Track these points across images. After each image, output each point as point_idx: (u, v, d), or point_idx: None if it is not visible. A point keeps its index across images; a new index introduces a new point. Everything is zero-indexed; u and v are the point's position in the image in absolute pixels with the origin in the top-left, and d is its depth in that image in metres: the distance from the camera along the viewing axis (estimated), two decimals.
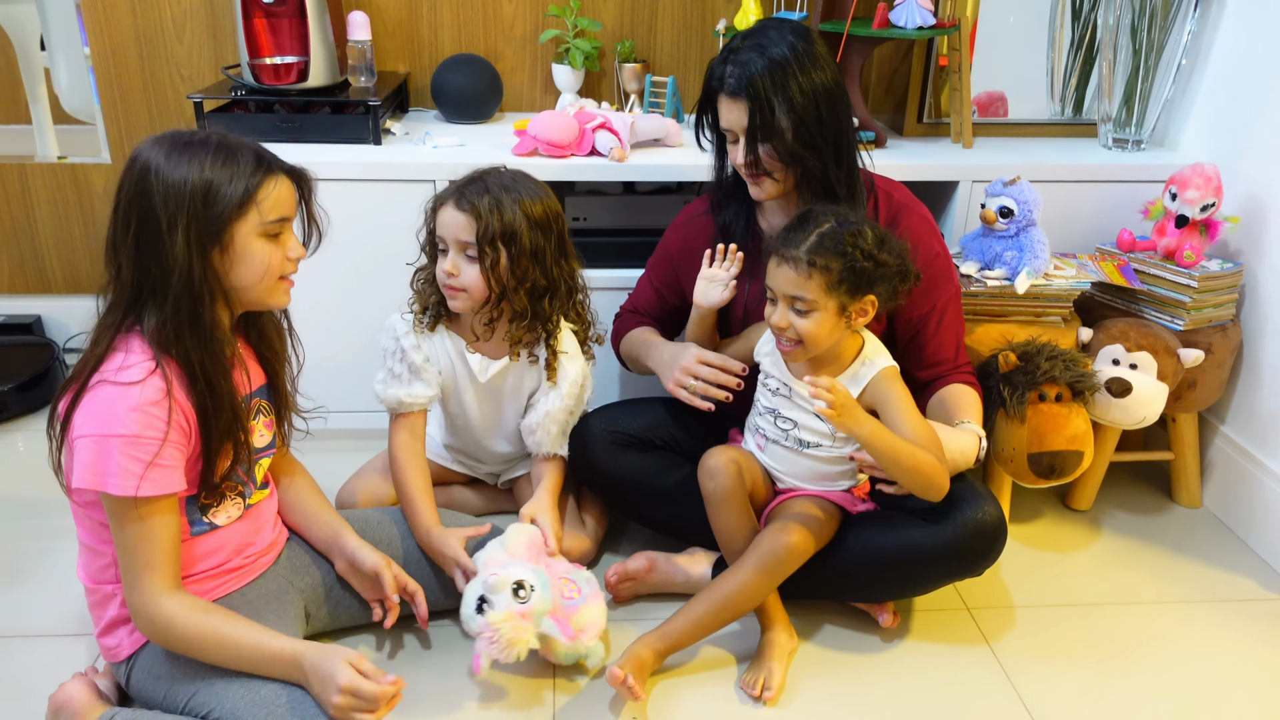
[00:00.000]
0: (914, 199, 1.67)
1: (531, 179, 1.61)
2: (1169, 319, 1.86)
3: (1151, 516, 1.98)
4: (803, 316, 1.43)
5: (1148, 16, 2.03)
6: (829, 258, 1.40)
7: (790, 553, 1.47)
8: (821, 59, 1.51)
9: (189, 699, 1.27)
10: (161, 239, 1.20)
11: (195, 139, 1.24)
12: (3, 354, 2.32)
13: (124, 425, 1.18)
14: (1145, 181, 2.02)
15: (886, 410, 1.47)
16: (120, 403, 1.19)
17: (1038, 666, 1.56)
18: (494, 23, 2.28)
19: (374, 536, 1.54)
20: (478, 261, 1.54)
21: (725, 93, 1.52)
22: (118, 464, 1.18)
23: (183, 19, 2.22)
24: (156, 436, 1.20)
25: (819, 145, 1.52)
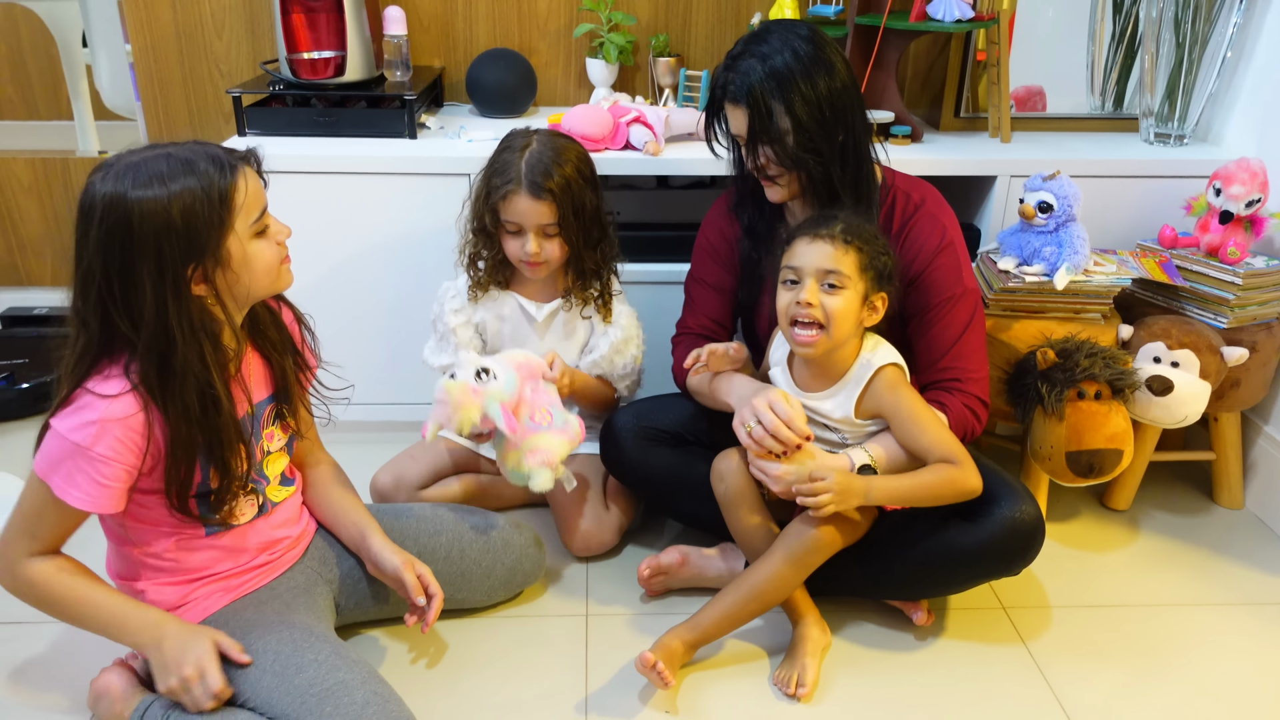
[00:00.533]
0: (937, 198, 1.64)
1: (559, 138, 1.69)
2: (1212, 316, 1.83)
3: (1192, 517, 1.95)
4: (832, 294, 1.42)
5: (1192, 9, 1.99)
6: (864, 240, 1.44)
7: (818, 543, 1.46)
8: (826, 62, 1.48)
9: None
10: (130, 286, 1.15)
11: (142, 161, 1.16)
12: (46, 345, 2.34)
13: (80, 435, 1.19)
14: (1188, 177, 1.99)
15: (894, 419, 1.46)
16: (84, 413, 1.20)
17: (1074, 667, 1.54)
18: (529, 17, 2.29)
19: (401, 534, 1.53)
20: (558, 237, 1.66)
21: (729, 100, 1.53)
22: (66, 468, 1.21)
23: (222, 15, 2.25)
24: (106, 456, 1.20)
25: (820, 149, 1.50)
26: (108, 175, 1.16)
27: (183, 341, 1.19)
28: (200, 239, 1.17)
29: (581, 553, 1.75)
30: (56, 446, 1.21)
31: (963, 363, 1.58)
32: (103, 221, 1.14)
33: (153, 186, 1.14)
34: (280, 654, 1.28)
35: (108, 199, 1.14)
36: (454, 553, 1.55)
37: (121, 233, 1.14)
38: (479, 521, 1.60)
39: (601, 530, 1.73)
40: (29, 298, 2.52)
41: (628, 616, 1.63)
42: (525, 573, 1.62)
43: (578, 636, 1.59)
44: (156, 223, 1.14)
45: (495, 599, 1.62)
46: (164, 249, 1.15)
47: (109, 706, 1.33)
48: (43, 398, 2.21)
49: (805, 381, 1.53)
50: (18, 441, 2.11)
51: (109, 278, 1.16)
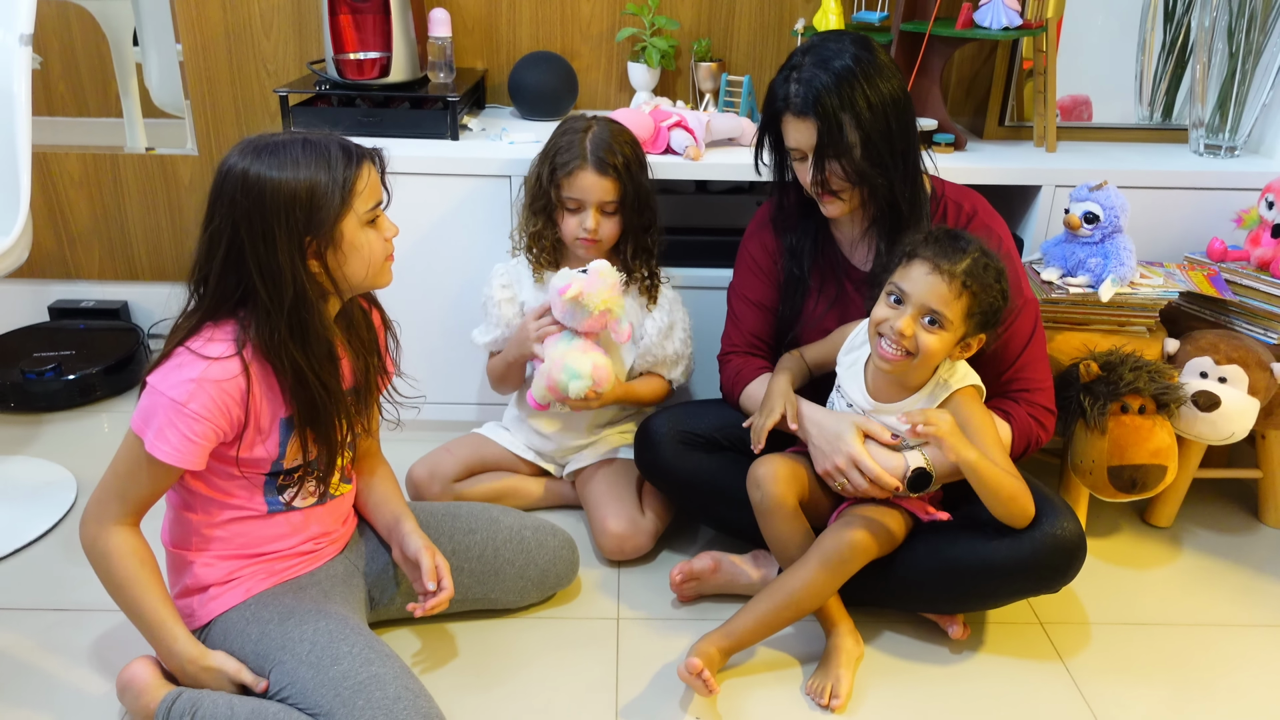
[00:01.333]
0: (988, 208, 1.63)
1: (614, 123, 1.76)
2: (1262, 332, 1.79)
3: (1236, 536, 1.91)
4: (930, 331, 1.40)
5: (1246, 18, 1.96)
6: (981, 287, 1.39)
7: (853, 549, 1.45)
8: (885, 68, 1.48)
9: (262, 675, 1.30)
10: (271, 249, 1.23)
11: (281, 142, 1.26)
12: (91, 338, 2.40)
13: (177, 391, 1.23)
14: (1238, 189, 1.96)
15: (965, 431, 1.44)
16: (183, 370, 1.24)
17: (1113, 685, 1.52)
18: (571, 21, 2.29)
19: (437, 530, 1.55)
20: (615, 215, 1.73)
21: (792, 112, 1.49)
22: (160, 421, 1.24)
23: (270, 15, 2.28)
24: (199, 414, 1.24)
25: (886, 162, 1.49)
26: (246, 152, 1.25)
27: (309, 301, 1.27)
28: (321, 214, 1.24)
29: (615, 556, 1.75)
30: (151, 402, 1.25)
31: (1028, 373, 1.57)
32: (238, 191, 1.23)
33: (285, 166, 1.23)
34: (316, 644, 1.29)
35: (244, 173, 1.23)
36: (488, 551, 1.56)
37: (254, 201, 1.22)
38: (514, 522, 1.60)
39: (636, 534, 1.73)
40: (77, 290, 2.57)
41: (659, 621, 1.63)
42: (558, 575, 1.63)
43: (609, 640, 1.59)
44: (285, 195, 1.23)
45: (528, 600, 1.62)
46: (290, 218, 1.23)
47: (135, 698, 1.35)
48: (89, 389, 2.26)
49: (878, 389, 1.52)
50: (65, 431, 2.15)
51: (239, 241, 1.23)
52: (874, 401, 1.51)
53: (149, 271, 2.56)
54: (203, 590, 1.37)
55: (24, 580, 1.68)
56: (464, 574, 1.54)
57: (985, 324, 1.43)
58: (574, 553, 1.65)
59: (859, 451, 1.47)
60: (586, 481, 1.84)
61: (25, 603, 1.62)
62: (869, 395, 1.52)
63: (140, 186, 2.48)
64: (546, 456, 1.91)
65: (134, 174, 2.47)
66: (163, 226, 2.51)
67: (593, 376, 1.65)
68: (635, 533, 1.73)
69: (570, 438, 1.88)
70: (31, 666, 1.49)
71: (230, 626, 1.35)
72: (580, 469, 1.87)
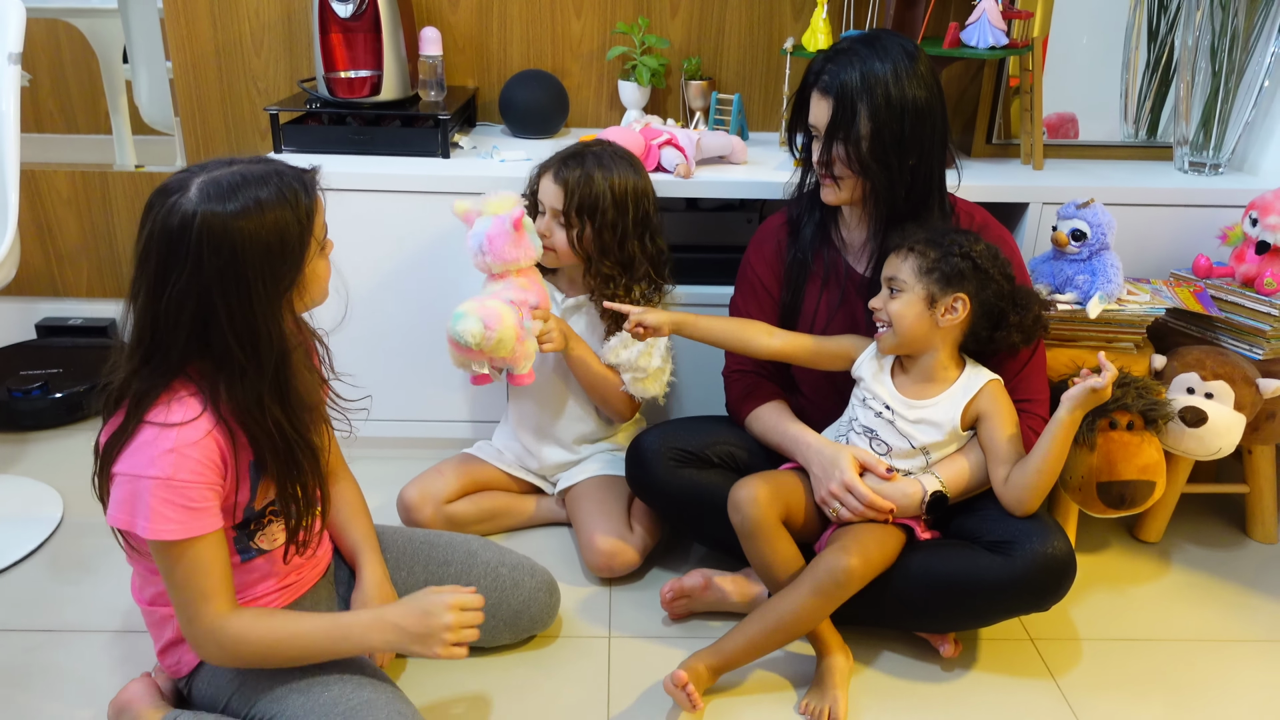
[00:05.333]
0: (997, 224, 1.66)
1: (628, 156, 1.79)
2: (1247, 348, 1.81)
3: (1224, 551, 1.92)
4: (893, 298, 1.50)
5: (1229, 37, 1.98)
6: (926, 246, 1.50)
7: (849, 576, 1.45)
8: (921, 78, 1.51)
9: (251, 706, 1.28)
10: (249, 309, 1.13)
11: (237, 183, 1.13)
12: (80, 355, 2.39)
13: (156, 467, 1.14)
14: (1223, 206, 1.98)
15: (989, 420, 1.52)
16: (156, 444, 1.14)
17: (1103, 702, 1.52)
18: (562, 39, 2.31)
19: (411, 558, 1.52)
20: (566, 228, 1.74)
21: (818, 88, 1.54)
22: (150, 506, 1.14)
23: (261, 33, 2.28)
24: (189, 480, 1.15)
25: (890, 161, 1.51)
26: (188, 193, 1.11)
27: (289, 356, 1.19)
28: (293, 259, 1.17)
29: (603, 573, 1.74)
30: (131, 490, 1.15)
31: (1029, 384, 1.60)
32: (205, 247, 1.10)
33: (250, 210, 1.12)
34: (306, 670, 1.28)
35: (209, 224, 1.10)
36: (461, 584, 1.47)
37: (226, 258, 1.11)
38: (491, 558, 1.54)
39: (625, 551, 1.73)
40: (64, 308, 2.56)
41: (650, 640, 1.62)
42: (532, 617, 1.56)
43: (600, 659, 1.58)
44: (259, 246, 1.12)
45: (499, 640, 1.56)
46: (267, 272, 1.14)
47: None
48: (76, 407, 2.25)
49: (906, 388, 1.55)
50: (52, 450, 2.14)
51: (210, 303, 1.12)
52: (904, 398, 1.54)
53: None
54: (183, 642, 1.32)
55: (9, 600, 1.66)
56: None
57: (949, 280, 1.48)
58: (552, 595, 1.58)
59: (853, 478, 1.50)
60: (576, 498, 1.84)
61: (10, 624, 1.61)
62: (896, 390, 1.55)
63: (129, 204, 2.47)
64: (537, 474, 1.91)
65: (123, 192, 2.46)
66: None
67: (479, 315, 1.58)
68: (624, 549, 1.73)
69: (558, 453, 1.88)
70: (16, 687, 1.47)
71: (215, 667, 1.31)
72: (570, 486, 1.87)
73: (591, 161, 1.74)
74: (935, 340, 1.52)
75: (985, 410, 1.52)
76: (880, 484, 1.52)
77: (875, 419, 1.55)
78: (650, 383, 1.82)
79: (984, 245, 1.51)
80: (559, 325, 1.74)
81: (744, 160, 2.08)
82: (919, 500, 1.52)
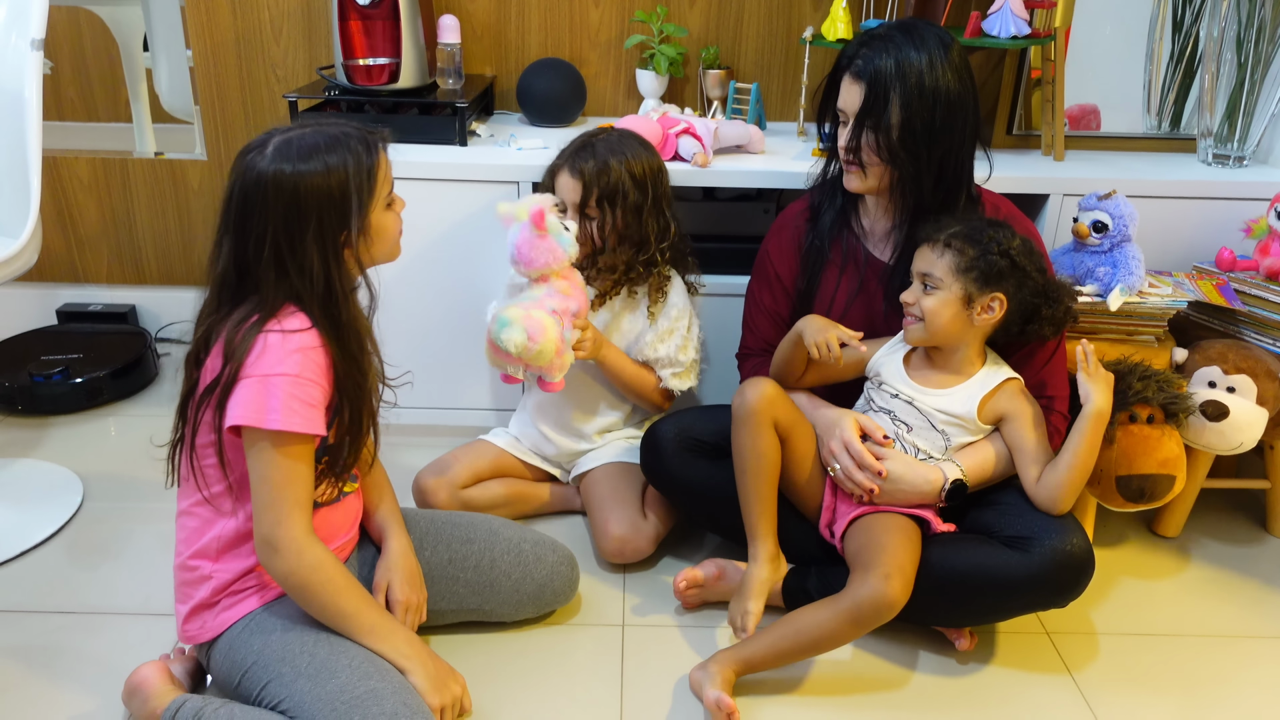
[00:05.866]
0: (1022, 215, 1.65)
1: (636, 138, 1.78)
2: (1271, 342, 1.79)
3: (1244, 547, 1.90)
4: (928, 295, 1.49)
5: (1255, 28, 1.96)
6: (965, 243, 1.48)
7: (891, 609, 1.41)
8: (956, 68, 1.49)
9: (261, 688, 1.29)
10: (306, 249, 1.25)
11: (305, 141, 1.27)
12: (99, 341, 2.41)
13: (286, 365, 1.24)
14: (1247, 199, 1.95)
15: (1016, 420, 1.51)
16: (283, 346, 1.25)
17: (1120, 696, 1.51)
18: (580, 28, 2.30)
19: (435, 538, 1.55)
20: (589, 220, 1.74)
21: (850, 72, 1.53)
22: (280, 400, 1.23)
23: (280, 21, 2.29)
24: (312, 379, 1.26)
25: (919, 152, 1.50)
26: (265, 151, 1.25)
27: (344, 298, 1.30)
28: (353, 208, 1.27)
29: (615, 559, 1.74)
30: (263, 388, 1.23)
31: (1050, 381, 1.60)
32: (271, 195, 1.24)
33: (315, 165, 1.25)
34: (316, 657, 1.29)
35: (277, 176, 1.24)
36: (484, 561, 1.54)
37: (289, 204, 1.24)
38: (514, 535, 1.58)
39: (637, 538, 1.73)
40: (85, 294, 2.57)
41: (664, 628, 1.63)
42: (555, 591, 1.59)
43: (614, 647, 1.58)
44: (320, 195, 1.25)
45: (523, 614, 1.59)
46: (324, 217, 1.26)
47: (143, 703, 1.35)
48: (96, 392, 2.26)
49: (923, 376, 1.56)
50: (72, 435, 2.16)
51: (278, 241, 1.25)
52: (916, 385, 1.55)
53: (157, 275, 2.56)
54: (212, 606, 1.36)
55: (29, 583, 1.68)
56: (459, 583, 1.53)
57: (988, 279, 1.47)
58: (573, 570, 1.62)
59: (851, 436, 1.53)
60: (590, 485, 1.84)
61: (31, 605, 1.62)
62: (909, 379, 1.55)
63: (149, 191, 2.49)
64: (552, 461, 1.92)
65: (143, 179, 2.48)
66: (171, 231, 2.52)
67: (524, 325, 1.59)
68: (636, 536, 1.73)
69: (575, 442, 1.88)
70: (36, 669, 1.49)
71: (235, 638, 1.34)
72: (585, 472, 1.87)
73: (604, 149, 1.73)
74: (967, 336, 1.52)
75: (1009, 411, 1.52)
76: (904, 469, 1.51)
77: (893, 400, 1.55)
78: (687, 374, 1.84)
79: (1019, 240, 1.49)
80: (594, 334, 1.74)
81: (761, 150, 2.07)
82: (939, 488, 1.51)
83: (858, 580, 1.44)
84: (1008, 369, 1.55)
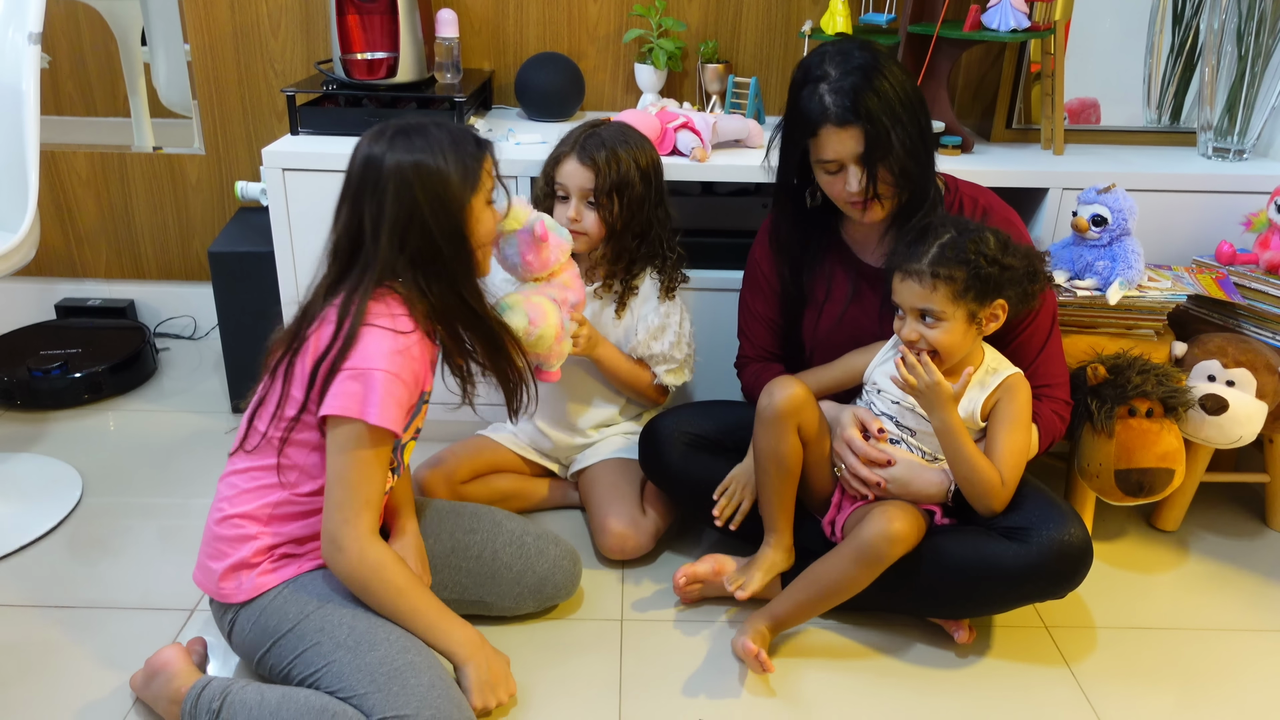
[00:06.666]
0: (1001, 202, 1.63)
1: (634, 131, 1.77)
2: (1270, 335, 1.79)
3: (1243, 541, 1.90)
4: (932, 328, 1.45)
5: (1255, 21, 1.95)
6: (952, 267, 1.42)
7: (893, 541, 1.44)
8: (897, 64, 1.48)
9: (295, 656, 1.30)
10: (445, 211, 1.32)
11: (428, 132, 1.34)
12: (98, 336, 2.41)
13: (389, 363, 1.28)
14: (1247, 192, 1.95)
15: (998, 417, 1.50)
16: (388, 343, 1.29)
17: (1119, 689, 1.51)
18: (579, 22, 2.30)
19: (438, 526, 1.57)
20: (596, 208, 1.72)
21: (834, 124, 1.44)
22: (380, 396, 1.27)
23: (278, 15, 2.28)
24: (408, 382, 1.30)
25: (923, 159, 1.49)
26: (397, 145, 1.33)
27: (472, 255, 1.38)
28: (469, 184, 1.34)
29: (615, 555, 1.74)
30: (363, 384, 1.27)
31: (1048, 368, 1.60)
32: (395, 176, 1.31)
33: (434, 148, 1.33)
34: (355, 629, 1.31)
35: (400, 161, 1.32)
36: (486, 552, 1.55)
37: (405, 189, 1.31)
38: (516, 527, 1.59)
39: (636, 534, 1.73)
40: (83, 289, 2.57)
41: (663, 624, 1.63)
42: (556, 585, 1.59)
43: (613, 642, 1.58)
44: (442, 176, 1.32)
45: (523, 608, 1.59)
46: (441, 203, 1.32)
47: (165, 682, 1.35)
48: (95, 387, 2.26)
49: None
50: (71, 429, 2.16)
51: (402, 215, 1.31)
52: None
53: (156, 270, 2.56)
54: (253, 566, 1.37)
55: (29, 577, 1.68)
56: (461, 573, 1.54)
57: (986, 292, 1.44)
58: (575, 565, 1.62)
59: (852, 434, 1.54)
60: (589, 481, 1.84)
61: (30, 600, 1.62)
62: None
63: (147, 186, 2.48)
64: (550, 456, 1.91)
65: (141, 173, 2.48)
66: (170, 226, 2.52)
67: (525, 309, 1.57)
68: (636, 532, 1.73)
69: (573, 437, 1.88)
70: (36, 662, 1.49)
71: (270, 604, 1.35)
72: (584, 468, 1.87)
73: (611, 139, 1.73)
74: (974, 344, 1.52)
75: (998, 411, 1.50)
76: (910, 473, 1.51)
77: (893, 405, 1.55)
78: (683, 370, 1.84)
79: (993, 237, 1.45)
80: (590, 330, 1.74)
81: (760, 144, 2.06)
82: (945, 490, 1.51)
83: (861, 525, 1.48)
84: (1008, 364, 1.54)
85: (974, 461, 1.46)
